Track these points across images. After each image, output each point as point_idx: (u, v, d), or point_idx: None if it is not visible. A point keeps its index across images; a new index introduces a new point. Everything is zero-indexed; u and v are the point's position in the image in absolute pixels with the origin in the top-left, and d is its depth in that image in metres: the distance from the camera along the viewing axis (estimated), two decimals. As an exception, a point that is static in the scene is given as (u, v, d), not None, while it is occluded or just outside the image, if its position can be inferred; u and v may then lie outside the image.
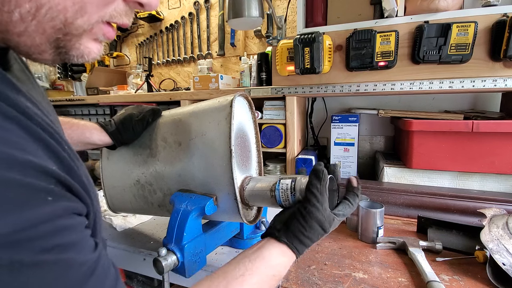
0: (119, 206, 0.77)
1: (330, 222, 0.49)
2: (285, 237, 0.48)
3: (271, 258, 0.45)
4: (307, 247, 0.48)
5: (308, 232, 0.47)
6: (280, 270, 0.46)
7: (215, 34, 1.72)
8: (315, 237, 0.48)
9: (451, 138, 0.91)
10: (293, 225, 0.48)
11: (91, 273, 0.26)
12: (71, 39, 0.28)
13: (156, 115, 0.71)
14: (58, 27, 0.27)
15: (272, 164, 1.18)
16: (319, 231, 0.48)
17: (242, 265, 0.43)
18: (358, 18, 0.99)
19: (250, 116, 0.73)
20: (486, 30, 0.83)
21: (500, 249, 0.58)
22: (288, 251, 0.47)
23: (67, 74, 2.14)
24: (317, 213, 0.47)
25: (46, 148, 0.26)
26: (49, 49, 0.28)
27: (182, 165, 0.63)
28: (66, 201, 0.25)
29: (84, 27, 0.28)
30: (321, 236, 0.49)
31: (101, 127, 0.68)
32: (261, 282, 0.43)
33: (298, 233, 0.47)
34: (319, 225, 0.48)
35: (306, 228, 0.47)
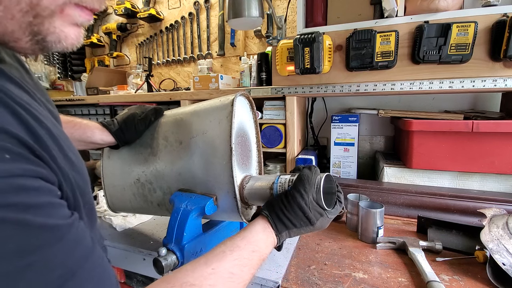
0: (119, 205, 0.77)
1: (316, 215, 0.50)
2: (266, 210, 0.51)
3: (251, 235, 0.47)
4: (287, 228, 0.50)
5: (289, 213, 0.49)
6: (260, 246, 0.46)
7: (215, 34, 1.72)
8: (297, 222, 0.50)
9: (451, 138, 0.91)
10: (276, 204, 0.51)
11: (57, 239, 0.25)
12: (43, 22, 0.28)
13: (159, 114, 0.71)
14: (25, 9, 0.26)
15: (272, 164, 1.18)
16: (302, 218, 0.50)
17: (223, 244, 0.44)
18: (358, 18, 0.99)
19: (251, 115, 0.74)
20: (486, 30, 0.83)
21: (500, 249, 0.58)
22: (267, 226, 0.49)
23: (67, 74, 2.14)
24: (299, 199, 0.49)
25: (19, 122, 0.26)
26: (25, 36, 0.28)
27: (182, 163, 0.63)
28: (27, 163, 0.25)
29: (52, 8, 0.28)
30: (306, 225, 0.50)
31: (103, 127, 0.68)
32: (241, 257, 0.43)
33: (279, 211, 0.50)
34: (300, 211, 0.49)
35: (288, 208, 0.50)
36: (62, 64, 2.17)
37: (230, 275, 0.40)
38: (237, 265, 0.41)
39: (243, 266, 0.42)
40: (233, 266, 0.41)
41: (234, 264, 0.41)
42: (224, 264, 0.40)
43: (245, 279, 0.42)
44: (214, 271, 0.39)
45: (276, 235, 0.49)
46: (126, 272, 0.93)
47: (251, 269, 0.43)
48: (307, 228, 0.51)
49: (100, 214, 0.96)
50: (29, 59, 2.40)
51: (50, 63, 2.23)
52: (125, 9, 1.79)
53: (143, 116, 0.69)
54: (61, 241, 0.25)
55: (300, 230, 0.51)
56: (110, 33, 1.95)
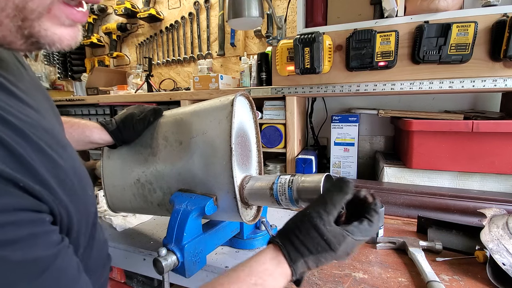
0: (118, 205, 0.77)
1: (339, 239, 0.41)
2: (278, 238, 0.43)
3: (256, 265, 0.41)
4: (302, 256, 0.41)
5: (303, 237, 0.41)
6: (263, 278, 0.40)
7: (215, 34, 1.72)
8: (313, 247, 0.41)
9: (451, 138, 0.91)
10: (288, 227, 0.44)
11: (40, 271, 0.24)
12: (32, 24, 0.27)
13: (158, 114, 0.71)
14: (12, 15, 0.26)
15: (272, 164, 1.18)
16: (319, 242, 0.41)
17: (226, 275, 0.40)
18: (358, 18, 0.99)
19: (251, 116, 0.74)
20: (486, 30, 0.83)
21: (500, 249, 0.58)
22: (279, 256, 0.41)
23: (67, 74, 2.14)
24: (316, 219, 0.42)
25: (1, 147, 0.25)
26: (18, 39, 0.27)
27: (182, 163, 0.63)
28: (5, 197, 0.24)
29: (39, 10, 0.27)
30: (325, 251, 0.41)
31: (101, 126, 0.68)
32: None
33: (292, 235, 0.42)
34: (316, 233, 0.41)
35: (302, 231, 0.42)
36: (62, 64, 2.17)
37: None
38: None
39: None
40: None
41: None
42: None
43: None
44: None
45: (289, 265, 0.41)
46: (126, 272, 0.93)
47: None
48: (328, 255, 0.41)
49: (100, 214, 0.96)
50: (29, 59, 2.40)
51: (50, 63, 2.23)
52: (125, 9, 1.78)
53: (142, 116, 0.69)
54: (43, 273, 0.25)
55: (319, 257, 0.41)
56: (110, 33, 1.95)
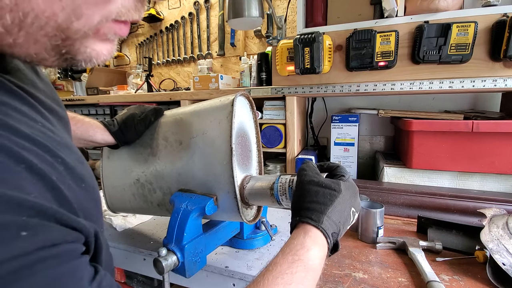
0: (118, 205, 0.77)
1: (335, 183, 0.46)
2: (295, 216, 0.45)
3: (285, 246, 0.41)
4: (321, 212, 0.42)
5: (309, 197, 0.44)
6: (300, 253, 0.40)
7: (215, 34, 1.72)
8: (321, 198, 0.44)
9: (451, 138, 0.91)
10: (294, 204, 0.47)
11: None
12: (73, 43, 0.25)
13: (158, 114, 0.71)
14: (51, 34, 0.24)
15: (272, 164, 1.18)
16: (322, 191, 0.44)
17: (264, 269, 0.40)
18: (358, 18, 0.99)
19: (251, 116, 0.74)
20: (486, 30, 0.83)
21: (500, 249, 0.58)
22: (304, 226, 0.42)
23: (67, 74, 2.14)
24: (306, 177, 0.47)
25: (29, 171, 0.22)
26: (51, 56, 0.25)
27: (182, 164, 0.63)
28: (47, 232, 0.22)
29: (85, 30, 0.25)
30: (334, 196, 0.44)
31: (104, 126, 0.68)
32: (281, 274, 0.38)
33: (300, 206, 0.45)
34: (317, 186, 0.45)
35: (304, 195, 0.45)
36: (62, 64, 2.17)
37: None
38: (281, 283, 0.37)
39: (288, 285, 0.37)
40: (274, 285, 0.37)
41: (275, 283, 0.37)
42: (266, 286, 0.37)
43: None
44: None
45: (316, 227, 0.42)
46: (126, 272, 0.93)
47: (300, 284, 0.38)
48: (339, 200, 0.44)
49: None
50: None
51: (50, 63, 2.23)
52: (125, 9, 1.78)
53: (142, 117, 0.69)
54: None
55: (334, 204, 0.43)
56: (110, 33, 1.95)
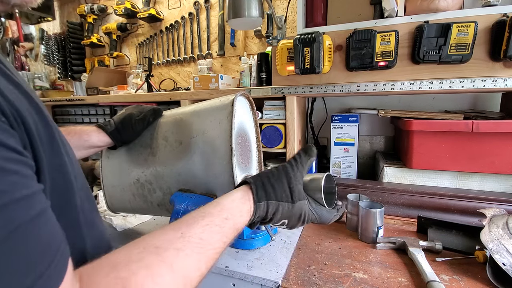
0: (118, 205, 0.77)
1: (300, 196, 0.48)
2: (251, 178, 0.48)
3: (226, 202, 0.44)
4: (266, 197, 0.46)
5: (274, 180, 0.47)
6: (233, 214, 0.43)
7: (215, 34, 1.72)
8: (279, 192, 0.47)
9: (451, 138, 0.91)
10: (263, 173, 0.49)
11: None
12: None
13: (157, 114, 0.71)
14: None
15: (272, 164, 1.18)
16: (285, 189, 0.47)
17: (197, 211, 0.42)
18: (358, 18, 0.99)
19: (251, 116, 0.74)
20: (486, 30, 0.83)
21: (500, 249, 0.58)
22: (246, 194, 0.46)
23: (67, 74, 2.14)
24: (289, 169, 0.48)
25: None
26: None
27: (182, 163, 0.63)
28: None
29: None
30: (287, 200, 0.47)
31: (99, 128, 0.68)
32: (212, 224, 0.40)
33: (264, 177, 0.47)
34: (286, 181, 0.47)
35: (274, 176, 0.47)
36: (62, 64, 2.17)
37: (199, 240, 0.37)
38: (208, 231, 0.39)
39: (214, 233, 0.39)
40: (203, 231, 0.38)
41: (204, 229, 0.38)
42: (193, 229, 0.38)
43: (215, 247, 0.39)
44: (183, 235, 0.36)
45: (254, 202, 0.45)
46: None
47: (223, 237, 0.40)
48: (286, 205, 0.47)
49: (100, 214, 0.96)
50: (29, 59, 2.40)
51: (50, 63, 2.23)
52: (125, 9, 1.78)
53: (141, 117, 0.69)
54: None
55: (279, 205, 0.47)
56: (110, 33, 1.95)
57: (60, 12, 2.22)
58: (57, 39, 2.15)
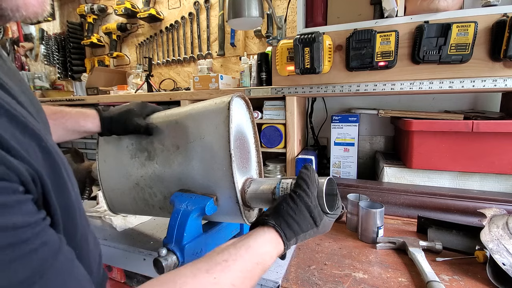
0: (119, 207, 0.77)
1: (321, 216, 0.49)
2: (273, 220, 0.47)
3: (256, 246, 0.44)
4: (295, 234, 0.47)
5: (297, 216, 0.47)
6: (265, 259, 0.44)
7: (215, 34, 1.72)
8: (304, 225, 0.48)
9: (451, 138, 0.91)
10: (282, 209, 0.48)
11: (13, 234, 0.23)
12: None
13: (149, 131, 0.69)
14: None
15: (272, 164, 1.18)
16: (308, 220, 0.48)
17: (226, 252, 0.42)
18: (358, 18, 0.98)
19: (248, 116, 0.73)
20: (486, 30, 0.83)
21: (500, 249, 0.58)
22: (275, 237, 0.46)
23: (67, 74, 2.14)
24: (306, 198, 0.48)
25: None
26: None
27: (181, 168, 0.62)
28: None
29: None
30: (312, 228, 0.48)
31: (97, 112, 0.68)
32: (244, 269, 0.41)
33: (286, 216, 0.47)
34: (307, 211, 0.48)
35: (295, 211, 0.48)
36: (62, 64, 2.17)
37: (231, 286, 0.38)
38: (240, 277, 0.40)
39: (245, 279, 0.40)
40: (235, 278, 0.39)
41: (236, 276, 0.39)
42: (226, 274, 0.38)
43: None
44: (216, 281, 0.37)
45: (284, 244, 0.47)
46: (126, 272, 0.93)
47: (252, 281, 0.42)
48: (312, 231, 0.49)
49: (100, 214, 0.96)
50: (29, 59, 2.40)
51: (50, 63, 2.23)
52: (125, 9, 1.78)
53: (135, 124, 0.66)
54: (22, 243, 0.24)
55: (306, 234, 0.49)
56: (110, 33, 1.95)
57: (60, 12, 2.22)
58: (57, 39, 2.15)
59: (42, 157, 0.28)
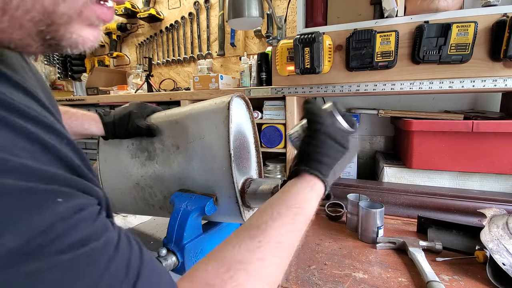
0: (119, 207, 0.77)
1: (345, 137, 0.47)
2: (305, 165, 0.44)
3: (293, 198, 0.41)
4: (330, 167, 0.44)
5: (323, 148, 0.44)
6: (304, 207, 0.41)
7: (215, 34, 1.72)
8: (335, 153, 0.45)
9: (451, 138, 0.91)
10: (304, 151, 0.46)
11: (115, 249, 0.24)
12: (58, 29, 0.24)
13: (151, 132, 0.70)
14: (37, 19, 0.23)
15: (272, 164, 1.18)
16: (336, 147, 0.45)
17: (266, 212, 0.40)
18: (358, 18, 0.98)
19: (248, 116, 0.73)
20: (486, 30, 0.83)
21: (500, 249, 0.58)
22: (309, 179, 0.43)
23: (67, 74, 2.14)
24: (324, 128, 0.45)
25: (44, 149, 0.23)
26: (35, 42, 0.25)
27: (181, 168, 0.62)
28: (75, 199, 0.23)
29: (70, 13, 0.24)
30: (343, 153, 0.46)
31: (99, 117, 0.68)
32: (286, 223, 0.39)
33: (313, 154, 0.45)
34: (331, 139, 0.45)
35: (319, 145, 0.45)
36: (62, 64, 2.17)
37: (278, 245, 0.37)
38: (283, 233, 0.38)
39: (289, 232, 0.39)
40: (278, 235, 0.37)
41: (279, 232, 0.38)
42: (269, 235, 0.37)
43: (292, 245, 0.39)
44: (261, 243, 0.36)
45: (322, 181, 0.44)
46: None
47: (297, 233, 0.40)
48: (345, 157, 0.46)
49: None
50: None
51: (50, 63, 2.23)
52: (125, 9, 1.79)
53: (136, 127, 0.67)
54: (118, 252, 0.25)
55: (341, 162, 0.46)
56: (110, 33, 1.95)
57: (60, 12, 2.22)
58: (57, 39, 2.15)
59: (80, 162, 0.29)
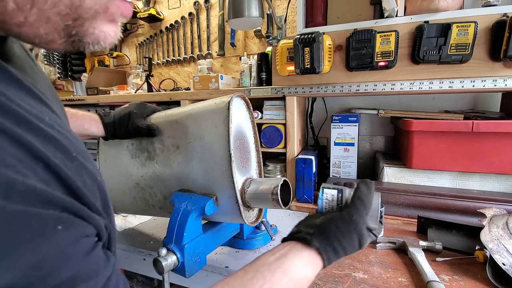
0: (120, 207, 0.77)
1: (367, 239, 0.45)
2: (317, 242, 0.42)
3: (294, 270, 0.40)
4: (337, 257, 0.43)
5: (345, 240, 0.42)
6: (303, 284, 0.40)
7: (215, 34, 1.72)
8: (349, 249, 0.43)
9: (451, 138, 0.91)
10: (330, 230, 0.43)
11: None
12: (83, 23, 0.25)
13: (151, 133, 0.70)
14: (64, 12, 0.23)
15: (272, 164, 1.18)
16: (356, 244, 0.43)
17: (260, 275, 0.38)
18: (358, 18, 0.98)
19: (248, 116, 0.73)
20: (486, 30, 0.83)
21: (500, 249, 0.58)
22: (316, 259, 0.42)
23: (67, 74, 2.14)
24: (361, 224, 0.43)
25: (47, 169, 0.22)
26: (59, 38, 0.25)
27: (181, 168, 0.63)
28: (74, 227, 0.22)
29: (96, 8, 0.24)
30: (355, 250, 0.44)
31: (99, 118, 0.69)
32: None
33: (333, 239, 0.42)
34: (357, 236, 0.43)
35: (345, 236, 0.42)
36: (62, 64, 2.17)
37: None
38: None
39: None
40: None
41: None
42: None
43: None
44: None
45: (324, 266, 0.42)
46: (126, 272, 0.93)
47: None
48: (354, 250, 0.45)
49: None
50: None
51: (50, 63, 2.23)
52: (125, 9, 1.78)
53: (136, 127, 0.67)
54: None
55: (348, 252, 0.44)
56: (110, 33, 1.95)
57: (60, 12, 2.22)
58: (57, 39, 2.15)
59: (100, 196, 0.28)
